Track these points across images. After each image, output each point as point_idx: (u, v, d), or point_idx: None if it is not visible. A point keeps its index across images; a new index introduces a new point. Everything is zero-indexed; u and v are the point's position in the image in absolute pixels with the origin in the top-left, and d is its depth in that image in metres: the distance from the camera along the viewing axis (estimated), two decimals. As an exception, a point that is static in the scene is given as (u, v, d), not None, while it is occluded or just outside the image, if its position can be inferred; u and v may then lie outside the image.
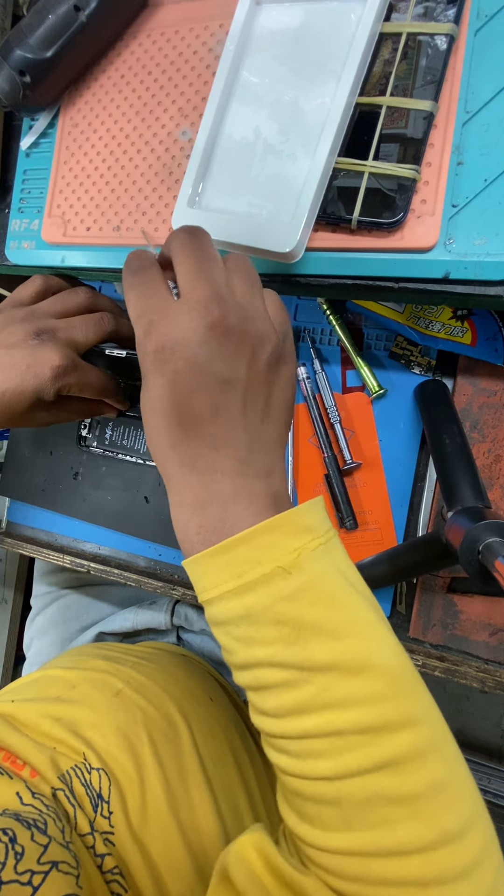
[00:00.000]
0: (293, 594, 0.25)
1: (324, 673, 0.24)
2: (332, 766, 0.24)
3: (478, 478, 0.38)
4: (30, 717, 0.38)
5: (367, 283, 0.33)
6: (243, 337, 0.26)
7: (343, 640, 0.25)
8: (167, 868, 0.33)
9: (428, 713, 0.25)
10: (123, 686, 0.43)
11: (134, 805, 0.34)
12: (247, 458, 0.27)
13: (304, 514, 0.26)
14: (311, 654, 0.24)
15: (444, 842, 0.23)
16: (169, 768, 0.38)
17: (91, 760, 0.35)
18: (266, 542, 0.25)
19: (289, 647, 0.24)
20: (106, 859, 0.31)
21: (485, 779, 1.00)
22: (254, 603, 0.25)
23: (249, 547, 0.25)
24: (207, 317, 0.26)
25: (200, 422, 0.26)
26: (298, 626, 0.24)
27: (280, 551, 0.25)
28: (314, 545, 0.25)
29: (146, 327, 0.26)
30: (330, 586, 0.25)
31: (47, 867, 0.26)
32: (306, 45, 0.32)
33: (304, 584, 0.25)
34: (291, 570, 0.25)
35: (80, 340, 0.39)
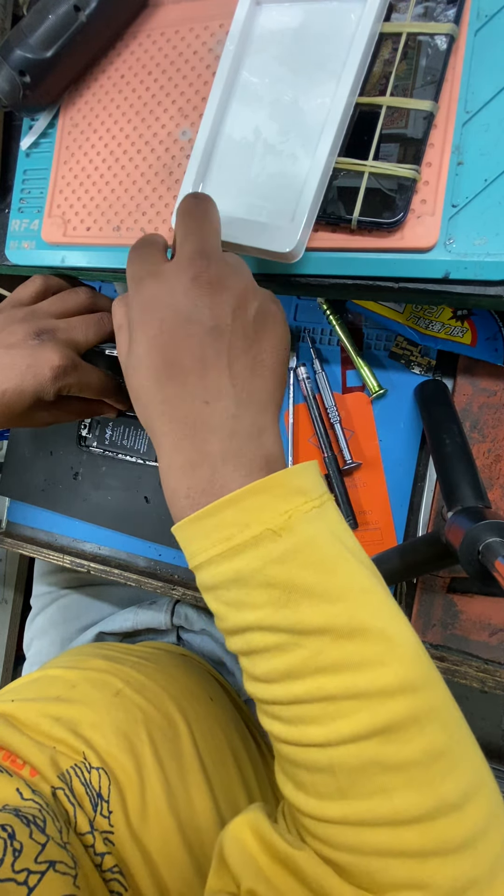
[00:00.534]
0: (283, 556, 0.24)
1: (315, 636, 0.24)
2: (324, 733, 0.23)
3: (478, 478, 0.38)
4: (30, 716, 0.38)
5: (367, 283, 0.33)
6: (227, 288, 0.26)
7: (336, 604, 0.24)
8: (167, 867, 0.33)
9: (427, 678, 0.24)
10: (123, 686, 0.43)
11: (134, 804, 0.34)
12: (236, 413, 0.26)
13: (295, 476, 0.25)
14: (303, 618, 0.24)
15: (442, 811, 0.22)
16: (169, 768, 0.38)
17: (91, 760, 0.35)
18: (255, 503, 0.25)
19: (279, 610, 0.24)
20: (105, 858, 0.31)
21: (485, 779, 1.00)
22: (243, 566, 0.24)
23: (238, 509, 0.25)
24: (191, 269, 0.26)
25: (189, 373, 0.26)
26: (289, 589, 0.24)
27: (270, 513, 0.24)
28: (307, 508, 0.25)
29: (136, 286, 0.27)
30: (323, 549, 0.25)
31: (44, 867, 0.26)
32: (306, 45, 0.32)
33: (295, 546, 0.24)
34: (282, 532, 0.24)
35: (80, 340, 0.39)
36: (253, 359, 0.27)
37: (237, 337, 0.27)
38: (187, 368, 0.26)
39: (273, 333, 0.28)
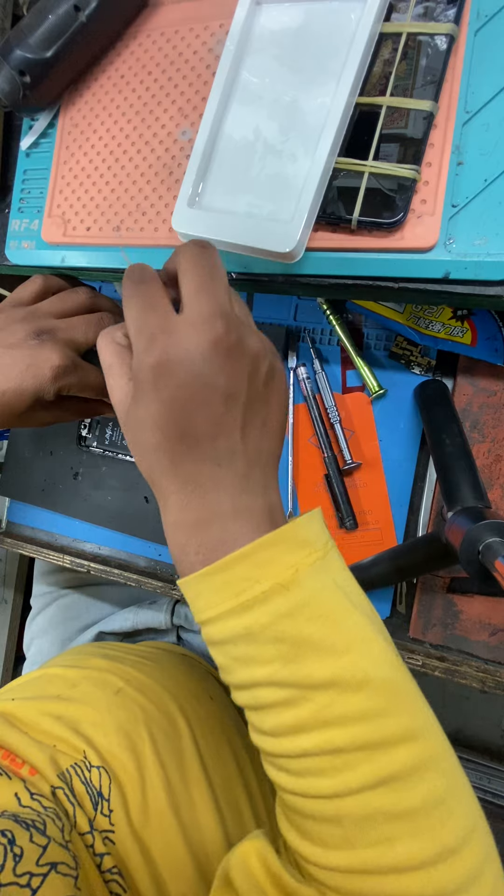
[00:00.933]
0: (291, 611, 0.24)
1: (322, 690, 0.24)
2: (332, 784, 0.24)
3: (478, 478, 0.38)
4: (30, 715, 0.38)
5: (367, 283, 0.33)
6: (244, 352, 0.26)
7: (341, 657, 0.24)
8: (167, 866, 0.33)
9: (426, 726, 0.25)
10: (124, 685, 0.43)
11: (135, 803, 0.34)
12: (247, 473, 0.27)
13: (301, 528, 0.26)
14: (310, 672, 0.24)
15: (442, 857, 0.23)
16: (169, 766, 0.38)
17: (91, 758, 0.35)
18: (264, 558, 0.25)
19: (287, 665, 0.24)
20: (105, 859, 0.31)
21: (485, 779, 1.00)
22: (252, 622, 0.24)
23: (248, 565, 0.25)
24: (211, 332, 0.25)
25: (203, 438, 0.26)
26: (297, 644, 0.24)
27: (278, 567, 0.25)
28: (311, 560, 0.25)
29: (146, 342, 0.26)
30: (328, 602, 0.25)
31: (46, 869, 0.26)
32: (306, 45, 0.32)
33: (303, 600, 0.25)
34: (290, 586, 0.24)
35: (80, 340, 0.39)
36: (263, 420, 0.28)
37: (251, 402, 0.27)
38: (200, 433, 0.26)
39: (279, 394, 0.28)
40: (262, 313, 0.51)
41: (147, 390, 0.26)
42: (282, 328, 0.49)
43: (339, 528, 0.48)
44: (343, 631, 0.25)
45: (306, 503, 0.49)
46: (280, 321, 0.50)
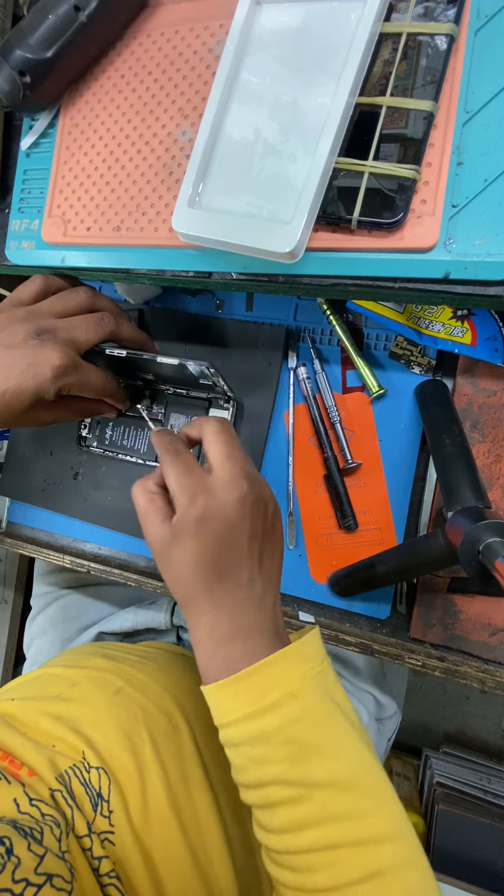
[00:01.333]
0: (299, 717, 0.29)
1: (322, 789, 0.28)
2: (328, 878, 0.27)
3: (478, 478, 0.38)
4: (29, 715, 0.38)
5: (367, 283, 0.33)
6: (261, 503, 0.33)
7: (337, 760, 0.29)
8: (167, 867, 0.33)
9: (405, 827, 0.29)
10: (124, 684, 0.43)
11: (135, 803, 0.34)
12: (261, 595, 0.33)
13: (306, 646, 0.31)
14: (313, 772, 0.28)
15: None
16: (170, 766, 0.38)
17: (90, 759, 0.35)
18: (278, 670, 0.30)
19: (295, 765, 0.28)
20: (103, 862, 0.31)
21: (485, 779, 1.00)
22: (267, 725, 0.29)
23: (265, 675, 0.30)
24: (238, 490, 0.32)
25: (232, 569, 0.32)
26: (303, 746, 0.29)
27: (288, 678, 0.30)
28: (314, 673, 0.30)
29: (189, 499, 0.32)
30: (326, 710, 0.30)
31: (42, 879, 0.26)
32: (306, 45, 0.32)
33: (308, 707, 0.29)
34: (298, 695, 0.29)
35: (80, 340, 0.39)
36: (272, 550, 0.34)
37: (265, 537, 0.33)
38: (230, 565, 0.32)
39: (279, 523, 0.35)
40: (262, 313, 0.51)
41: (191, 535, 0.31)
42: (282, 328, 0.49)
43: (339, 528, 0.48)
44: (337, 737, 0.30)
45: (306, 503, 0.49)
46: (280, 321, 0.50)
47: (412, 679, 1.13)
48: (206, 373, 0.43)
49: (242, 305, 0.52)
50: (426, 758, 1.05)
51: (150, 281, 0.40)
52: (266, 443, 0.50)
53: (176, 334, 0.53)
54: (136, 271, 0.39)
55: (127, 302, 0.54)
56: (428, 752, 1.06)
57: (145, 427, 0.54)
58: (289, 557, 0.49)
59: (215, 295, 0.53)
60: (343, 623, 0.48)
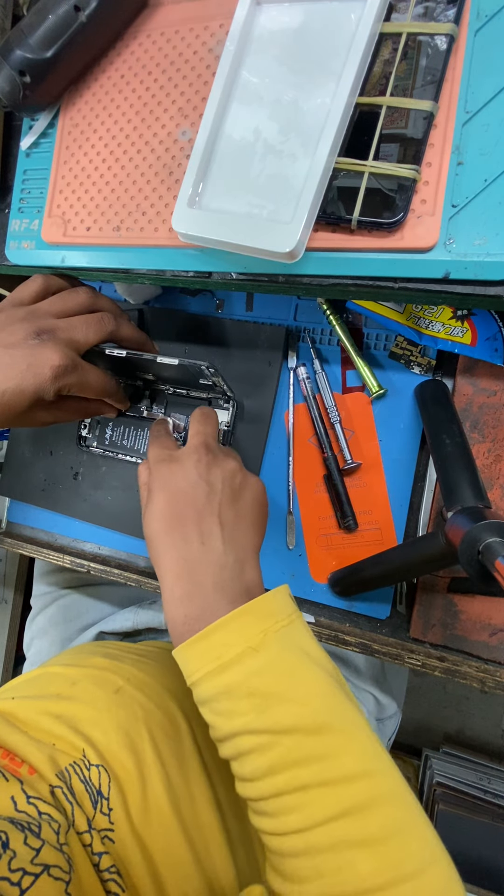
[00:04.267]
0: (261, 669, 0.30)
1: (289, 735, 0.29)
2: (300, 819, 0.28)
3: (478, 478, 0.38)
4: (29, 714, 0.38)
5: (367, 283, 0.33)
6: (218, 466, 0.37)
7: (304, 705, 0.29)
8: (167, 865, 0.33)
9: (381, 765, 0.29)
10: (124, 683, 0.43)
11: (135, 801, 0.34)
12: (224, 550, 0.34)
13: (269, 602, 0.32)
14: (278, 720, 0.29)
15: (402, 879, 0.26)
16: (170, 765, 0.38)
17: (90, 757, 0.35)
18: (238, 626, 0.31)
19: (260, 715, 0.29)
20: (103, 858, 0.31)
21: (485, 779, 1.00)
22: (230, 680, 0.30)
23: (225, 632, 0.31)
24: (196, 454, 0.37)
25: (190, 521, 0.34)
26: (267, 696, 0.29)
27: (249, 634, 0.30)
28: (278, 627, 0.31)
29: (157, 463, 0.38)
30: (291, 661, 0.30)
31: (39, 869, 0.26)
32: (306, 45, 0.32)
33: (270, 660, 0.30)
34: (259, 649, 0.30)
35: (80, 340, 0.39)
36: (236, 510, 0.36)
37: (225, 495, 0.36)
38: (188, 518, 0.35)
39: (252, 493, 0.38)
40: (262, 313, 0.51)
41: (155, 492, 0.36)
42: (282, 328, 0.49)
43: (339, 528, 0.48)
44: (304, 684, 0.30)
45: (306, 503, 0.49)
46: (280, 321, 0.50)
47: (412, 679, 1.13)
48: (206, 373, 0.43)
49: (242, 305, 0.52)
50: (426, 758, 1.05)
51: (150, 281, 0.40)
52: (266, 443, 0.50)
53: (176, 334, 0.53)
54: (136, 271, 0.39)
55: (127, 302, 0.54)
56: (428, 752, 1.06)
57: (145, 427, 0.54)
58: (289, 557, 0.49)
59: (215, 295, 0.53)
60: (343, 623, 0.48)
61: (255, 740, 0.29)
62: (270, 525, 0.50)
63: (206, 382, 0.47)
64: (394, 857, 0.27)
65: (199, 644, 0.31)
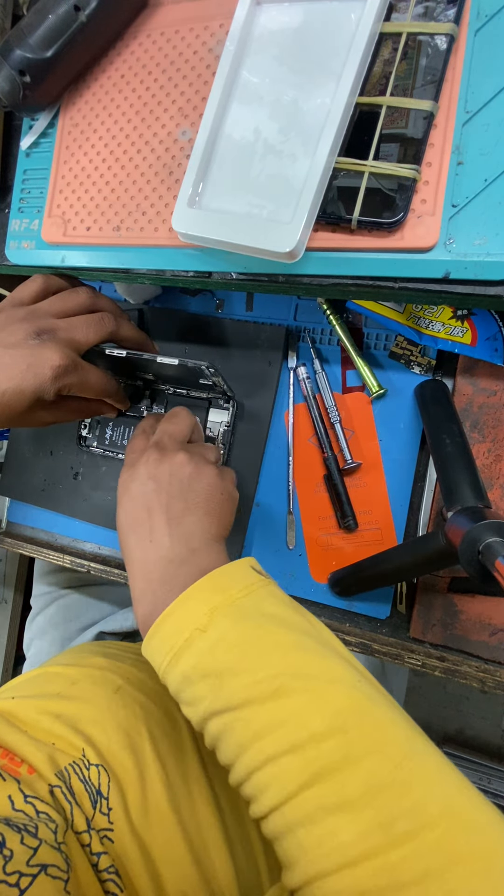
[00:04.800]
0: (210, 648, 0.28)
1: (245, 707, 0.27)
2: (275, 794, 0.25)
3: (478, 478, 0.38)
4: (29, 713, 0.38)
5: (367, 283, 0.33)
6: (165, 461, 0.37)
7: (255, 673, 0.27)
8: (166, 865, 0.33)
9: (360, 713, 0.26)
10: (124, 683, 0.43)
11: (134, 801, 0.34)
12: (171, 545, 0.34)
13: (218, 578, 0.31)
14: (232, 694, 0.27)
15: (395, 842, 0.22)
16: (169, 765, 0.38)
17: (90, 756, 0.35)
18: (184, 611, 0.30)
19: (217, 694, 0.28)
20: (102, 857, 0.31)
21: (485, 779, 1.00)
22: (185, 666, 0.29)
23: (172, 620, 0.30)
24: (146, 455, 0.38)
25: (142, 522, 0.35)
26: (219, 674, 0.28)
27: (195, 615, 0.29)
28: (230, 601, 0.30)
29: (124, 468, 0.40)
30: (245, 632, 0.29)
31: (36, 870, 0.26)
32: (306, 45, 0.32)
33: (219, 636, 0.29)
34: (206, 628, 0.29)
35: (80, 340, 0.39)
36: (185, 501, 0.36)
37: (173, 488, 0.36)
38: (140, 518, 0.36)
39: (204, 482, 0.37)
40: (262, 313, 0.51)
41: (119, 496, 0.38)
42: (282, 328, 0.49)
43: (339, 528, 0.48)
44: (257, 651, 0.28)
45: (306, 503, 0.49)
46: (280, 321, 0.50)
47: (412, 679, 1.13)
48: (206, 373, 0.43)
49: (242, 305, 0.52)
50: (426, 758, 1.05)
51: (150, 281, 0.40)
52: (266, 443, 0.50)
53: (176, 334, 0.53)
54: (136, 271, 0.39)
55: (127, 302, 0.54)
56: (428, 752, 1.06)
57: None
58: (289, 557, 0.49)
59: (215, 295, 0.53)
60: (343, 623, 0.48)
61: (220, 722, 0.28)
62: (271, 525, 0.50)
63: (206, 382, 0.47)
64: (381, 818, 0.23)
65: (154, 638, 0.31)
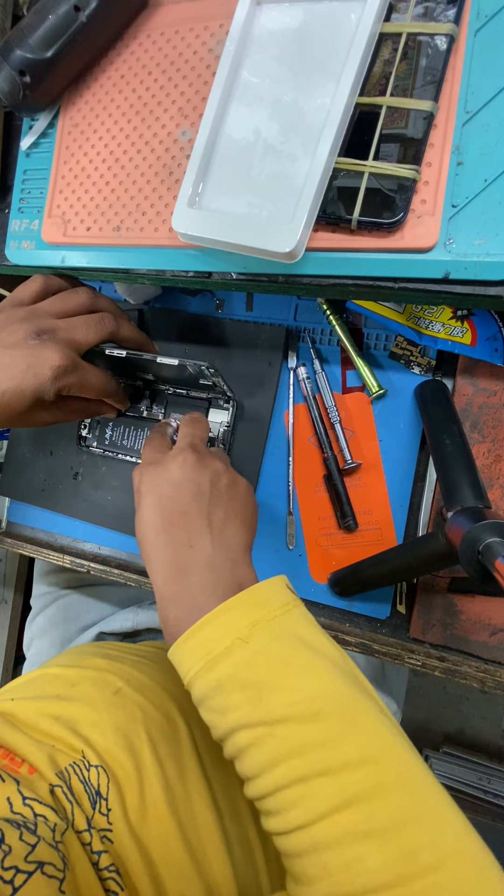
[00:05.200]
0: (251, 660, 0.29)
1: (282, 724, 0.27)
2: (303, 813, 0.26)
3: (478, 478, 0.38)
4: (29, 715, 0.38)
5: (367, 283, 0.33)
6: (206, 467, 0.37)
7: (296, 693, 0.28)
8: (165, 866, 0.33)
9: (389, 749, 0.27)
10: (123, 684, 0.43)
11: (133, 803, 0.34)
12: (213, 552, 0.34)
13: (260, 592, 0.31)
14: (271, 710, 0.28)
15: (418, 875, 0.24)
16: (168, 766, 0.38)
17: (90, 758, 0.35)
18: (226, 620, 0.30)
19: (253, 707, 0.28)
20: (102, 856, 0.31)
21: (485, 779, 1.00)
22: (221, 674, 0.29)
23: (213, 627, 0.30)
24: (181, 456, 0.37)
25: (178, 525, 0.34)
26: (259, 687, 0.28)
27: (238, 626, 0.30)
28: (270, 617, 0.30)
29: (146, 466, 0.38)
30: (283, 650, 0.29)
31: (33, 867, 0.26)
32: (306, 46, 0.32)
33: (260, 649, 0.29)
34: (248, 640, 0.29)
35: (80, 340, 0.39)
36: (225, 511, 0.36)
37: (213, 497, 0.36)
38: (176, 521, 0.34)
39: (240, 493, 0.38)
40: (262, 313, 0.51)
41: (143, 495, 0.36)
42: (282, 328, 0.49)
43: (339, 528, 0.48)
44: (297, 671, 0.29)
45: (306, 503, 0.49)
46: (280, 321, 0.50)
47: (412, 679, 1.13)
48: (205, 373, 0.43)
49: (242, 305, 0.52)
50: (426, 758, 1.05)
51: (150, 281, 0.40)
52: (266, 443, 0.50)
53: (176, 334, 0.53)
54: (136, 271, 0.39)
55: (127, 302, 0.54)
56: (428, 752, 1.06)
57: (145, 427, 0.54)
58: (289, 557, 0.49)
59: (215, 295, 0.53)
60: (343, 623, 0.48)
61: (251, 734, 0.28)
62: (271, 525, 0.50)
63: (206, 382, 0.47)
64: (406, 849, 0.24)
65: (189, 641, 0.31)
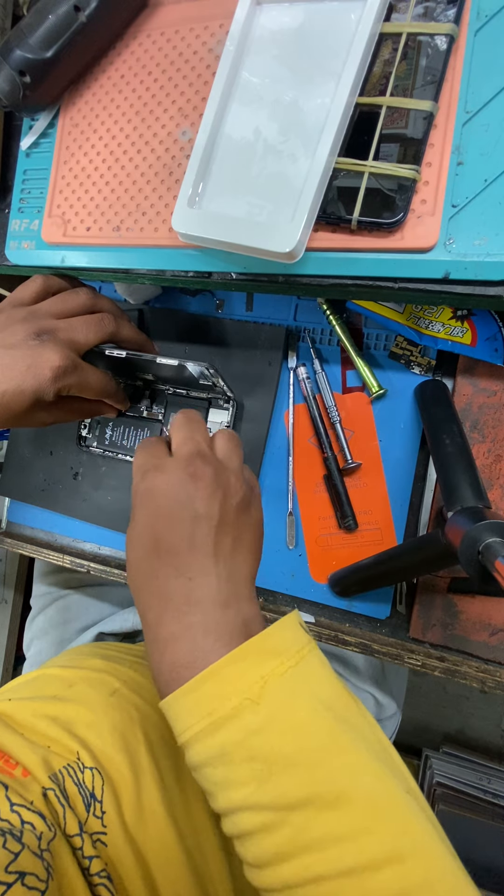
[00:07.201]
0: (262, 726, 0.24)
1: (299, 810, 0.23)
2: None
3: (478, 478, 0.38)
4: (26, 715, 0.38)
5: (367, 283, 0.33)
6: (217, 484, 0.30)
7: (316, 771, 0.24)
8: (160, 869, 0.32)
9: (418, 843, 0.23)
10: (120, 685, 0.43)
11: (128, 804, 0.34)
12: (218, 587, 0.28)
13: (271, 638, 0.27)
14: (285, 791, 0.23)
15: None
16: (165, 768, 0.38)
17: (84, 759, 0.35)
18: (233, 673, 0.25)
19: (262, 785, 0.24)
20: (94, 862, 0.30)
21: (485, 779, 1.00)
22: (225, 740, 0.25)
23: (217, 681, 0.25)
24: (189, 466, 0.30)
25: (178, 552, 0.29)
26: (270, 761, 0.24)
27: (247, 681, 0.25)
28: (283, 669, 0.26)
29: (141, 476, 0.31)
30: (299, 712, 0.25)
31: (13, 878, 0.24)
32: (306, 46, 0.32)
33: (273, 713, 0.25)
34: (259, 700, 0.25)
35: (80, 341, 0.39)
36: (234, 539, 0.30)
37: (223, 524, 0.30)
38: (176, 548, 0.29)
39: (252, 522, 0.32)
40: (262, 313, 0.51)
41: (136, 510, 0.30)
42: (282, 328, 0.49)
43: (339, 528, 0.48)
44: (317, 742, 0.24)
45: (306, 503, 0.49)
46: (280, 321, 0.50)
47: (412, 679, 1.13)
48: (205, 373, 0.43)
49: (242, 305, 0.52)
50: (426, 758, 1.05)
51: (150, 281, 0.40)
52: (266, 443, 0.50)
53: (176, 334, 0.53)
54: (136, 271, 0.39)
55: (127, 302, 0.54)
56: (428, 752, 1.06)
57: (145, 427, 0.54)
58: (289, 557, 0.49)
59: (215, 295, 0.53)
60: (343, 623, 0.48)
61: (259, 818, 0.24)
62: (271, 525, 0.50)
63: (205, 383, 0.47)
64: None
65: (189, 696, 0.26)
